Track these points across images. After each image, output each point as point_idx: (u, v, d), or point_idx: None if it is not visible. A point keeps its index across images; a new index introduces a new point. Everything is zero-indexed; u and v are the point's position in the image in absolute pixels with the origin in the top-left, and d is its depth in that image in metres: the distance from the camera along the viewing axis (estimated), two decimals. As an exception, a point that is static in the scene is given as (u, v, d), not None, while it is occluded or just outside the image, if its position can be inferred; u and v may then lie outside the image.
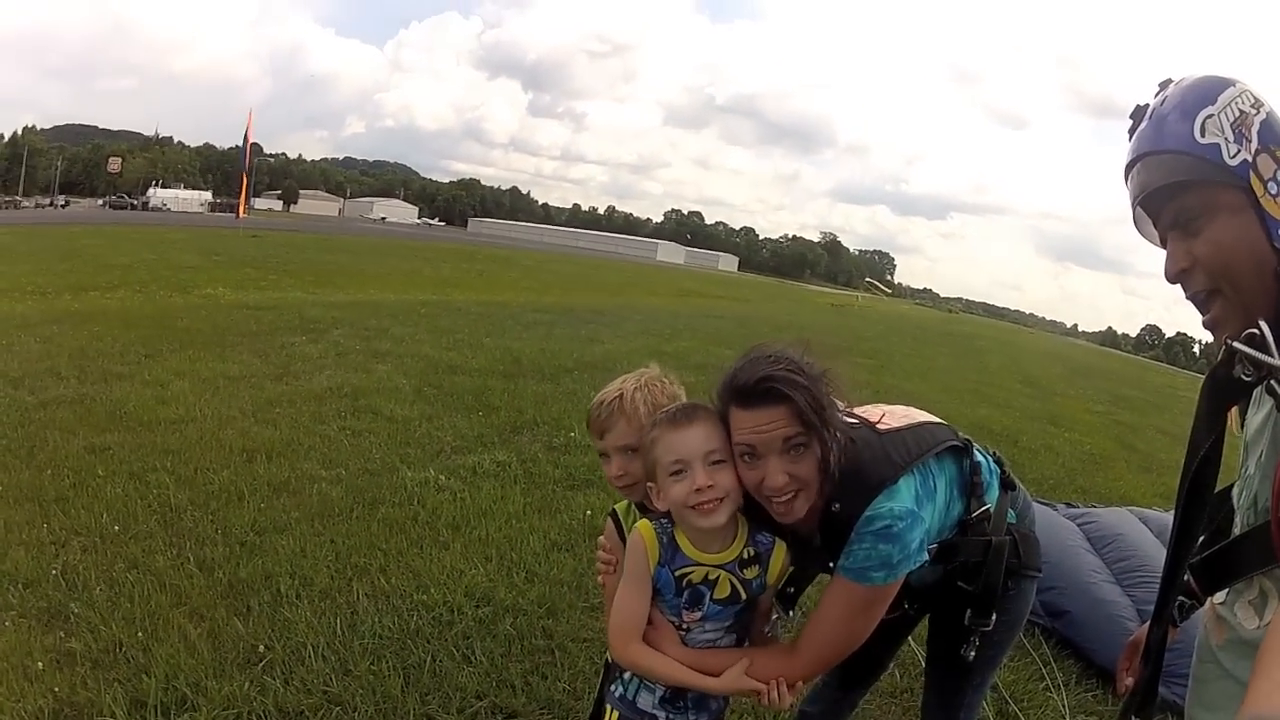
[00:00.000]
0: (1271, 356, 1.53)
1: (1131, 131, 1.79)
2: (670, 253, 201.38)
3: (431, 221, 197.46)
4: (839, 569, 2.39)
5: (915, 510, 2.38)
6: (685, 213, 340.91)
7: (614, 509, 2.84)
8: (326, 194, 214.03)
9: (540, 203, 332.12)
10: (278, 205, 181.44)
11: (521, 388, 10.03)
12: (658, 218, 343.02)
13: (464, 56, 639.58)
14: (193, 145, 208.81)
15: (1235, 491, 1.84)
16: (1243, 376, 1.61)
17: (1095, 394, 26.77)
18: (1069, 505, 8.53)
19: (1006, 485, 2.79)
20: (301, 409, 8.12)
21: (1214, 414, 1.73)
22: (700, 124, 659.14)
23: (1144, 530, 6.97)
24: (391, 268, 30.54)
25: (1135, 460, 14.45)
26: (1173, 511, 6.49)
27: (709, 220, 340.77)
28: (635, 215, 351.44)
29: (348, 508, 5.81)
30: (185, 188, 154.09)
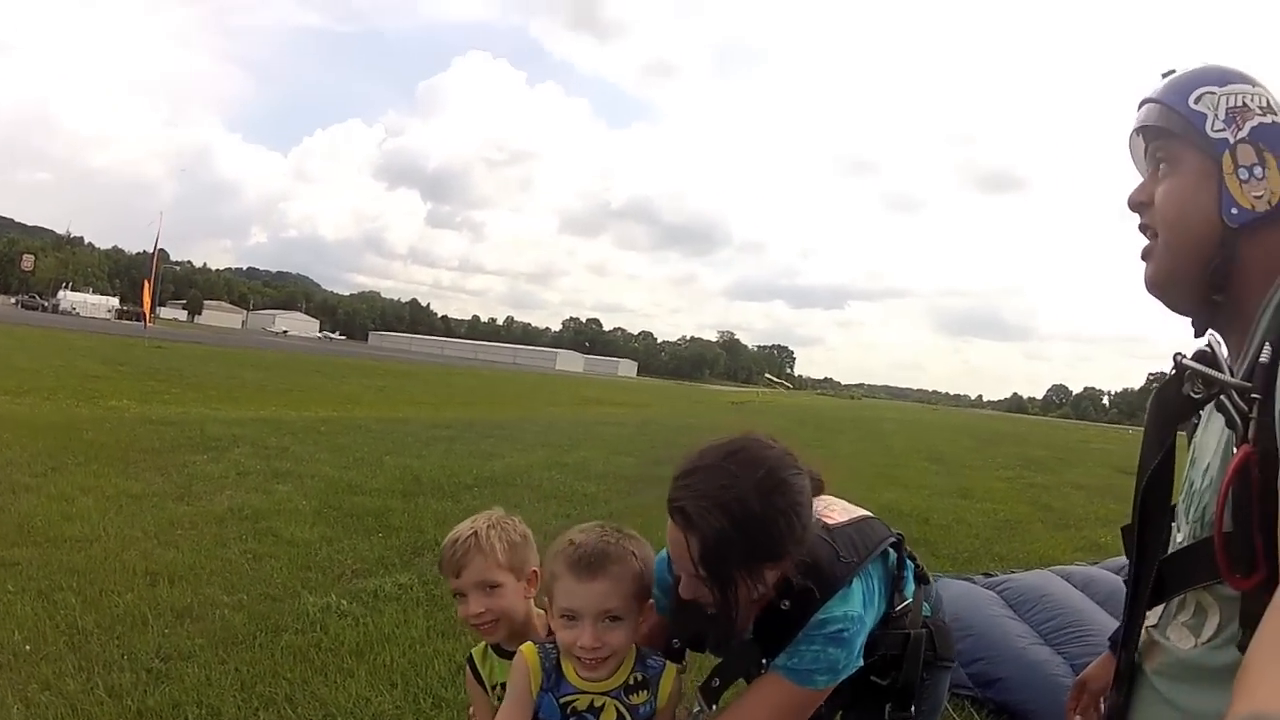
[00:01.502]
0: (1223, 373, 1.60)
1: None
2: (569, 361, 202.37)
3: (332, 335, 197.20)
4: (778, 667, 2.33)
5: (863, 614, 2.39)
6: (584, 320, 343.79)
7: (470, 655, 2.81)
8: (230, 305, 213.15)
9: (440, 315, 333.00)
10: (183, 315, 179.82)
11: (422, 507, 9.97)
12: (556, 326, 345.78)
13: (365, 166, 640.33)
14: (102, 247, 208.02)
15: (1181, 505, 1.84)
16: (1191, 394, 1.67)
17: (1004, 460, 26.99)
18: (986, 575, 8.51)
19: (920, 578, 2.79)
20: (203, 531, 8.03)
21: (1162, 433, 1.80)
22: (596, 230, 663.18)
23: (1067, 587, 7.02)
24: (293, 383, 30.22)
25: (1051, 519, 14.69)
26: (1095, 564, 6.67)
27: (607, 326, 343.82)
28: (534, 325, 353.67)
29: (251, 635, 5.71)
30: (94, 292, 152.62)
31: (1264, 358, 1.51)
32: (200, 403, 19.64)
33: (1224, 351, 1.65)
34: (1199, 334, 1.80)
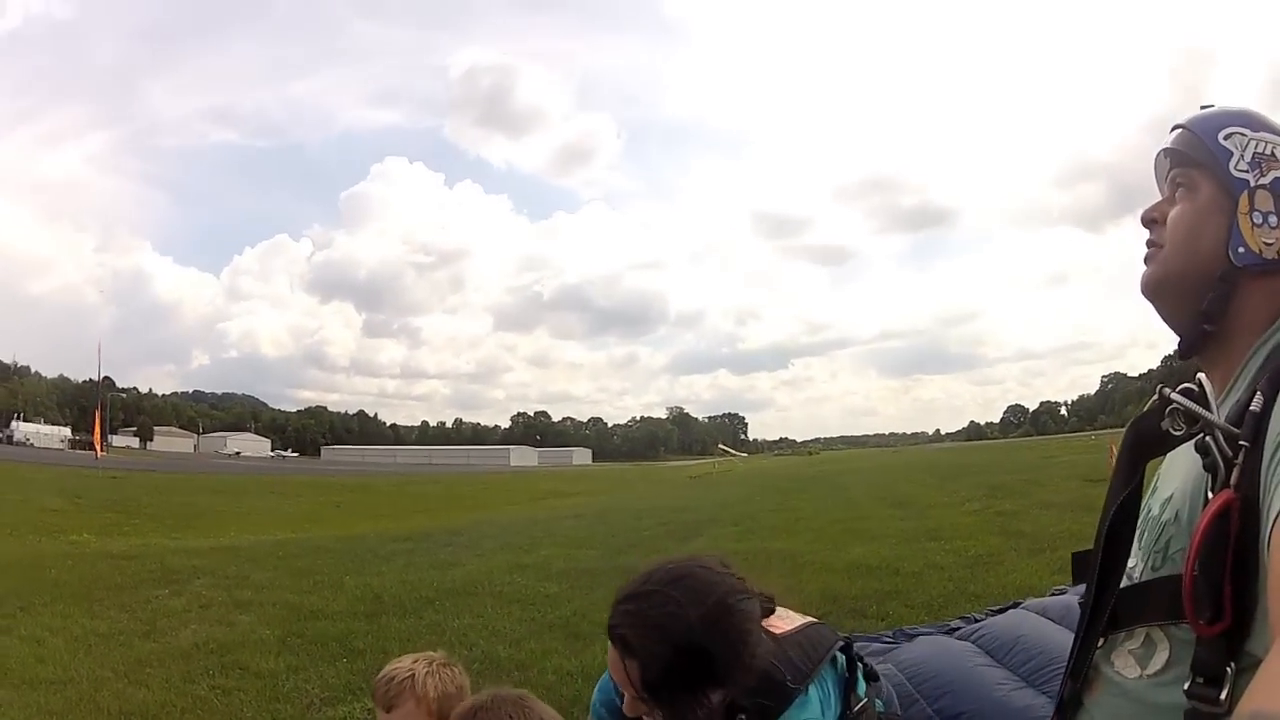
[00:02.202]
0: (1209, 411, 1.58)
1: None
2: (523, 456, 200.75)
3: (285, 453, 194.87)
4: None
5: (822, 718, 2.36)
6: (532, 414, 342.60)
7: None
8: (180, 430, 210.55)
9: (389, 423, 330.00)
10: (135, 442, 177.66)
11: (384, 627, 9.87)
12: (505, 423, 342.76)
13: (298, 280, 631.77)
14: (49, 376, 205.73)
15: (1138, 532, 1.83)
16: (1171, 430, 1.65)
17: (969, 493, 26.30)
18: (963, 619, 7.84)
19: (870, 676, 2.82)
20: (171, 668, 7.95)
21: (1133, 465, 1.81)
22: (532, 323, 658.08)
23: (1044, 624, 6.53)
24: (249, 506, 30.12)
25: (1024, 546, 14.40)
26: (1070, 586, 6.65)
27: (556, 417, 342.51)
28: (483, 424, 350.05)
29: None
30: (45, 422, 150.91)
31: (1255, 406, 1.51)
32: (159, 533, 19.57)
33: (1211, 392, 1.67)
34: (1184, 356, 1.85)
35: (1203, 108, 1.92)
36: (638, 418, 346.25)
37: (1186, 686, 1.48)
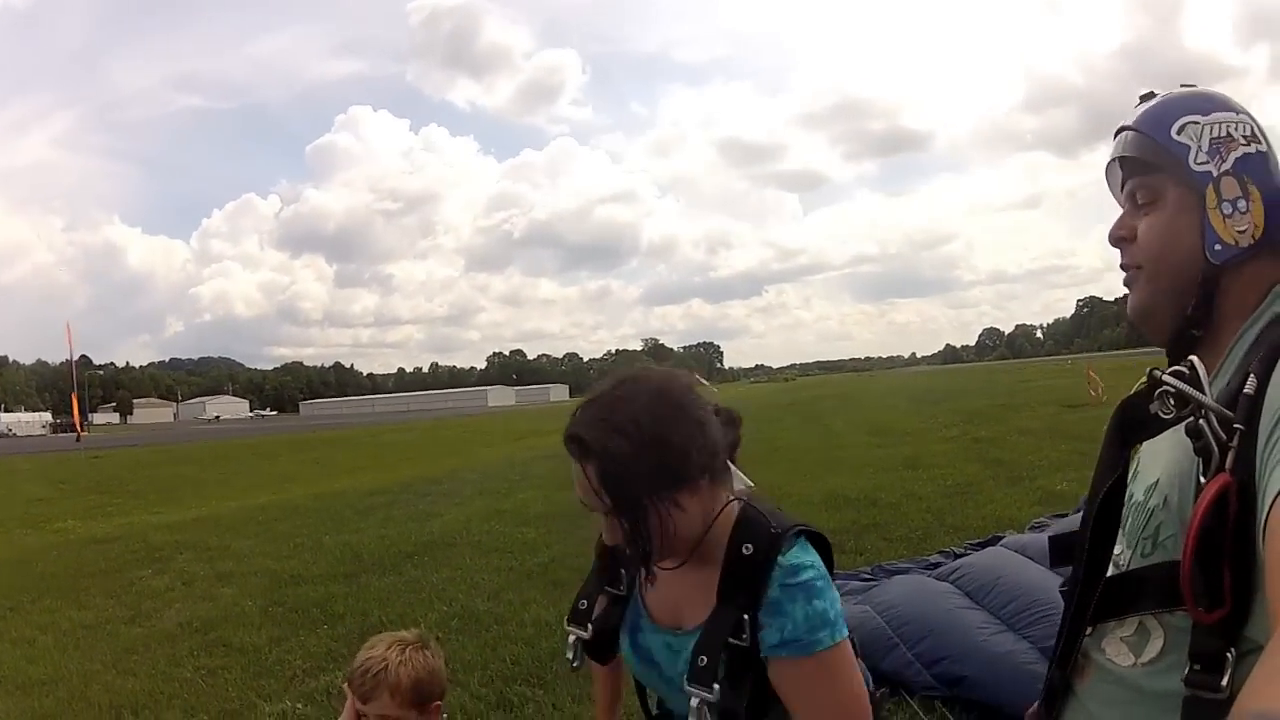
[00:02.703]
0: (1203, 393, 1.49)
1: (1136, 108, 1.84)
2: (501, 396, 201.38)
3: (264, 413, 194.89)
4: (778, 654, 2.06)
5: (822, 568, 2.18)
6: (507, 353, 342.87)
7: None
8: (159, 400, 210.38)
9: (365, 373, 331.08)
10: (115, 418, 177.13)
11: (364, 587, 9.87)
12: (481, 364, 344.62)
13: (266, 238, 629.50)
14: (26, 363, 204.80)
15: (1122, 519, 1.76)
16: (1160, 414, 1.57)
17: (946, 419, 26.62)
18: (942, 553, 8.32)
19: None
20: (157, 653, 7.91)
21: (1121, 448, 1.74)
22: (503, 263, 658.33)
23: (1024, 563, 6.73)
24: (230, 471, 30.01)
25: (1003, 474, 14.38)
26: (1049, 518, 6.63)
27: (531, 355, 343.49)
28: (459, 366, 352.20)
29: None
30: (25, 409, 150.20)
31: (1249, 389, 1.46)
32: (142, 510, 19.46)
33: (1204, 374, 1.53)
34: (1173, 364, 1.65)
35: (1143, 97, 1.85)
36: (613, 351, 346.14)
37: (1185, 674, 1.46)
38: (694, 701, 2.06)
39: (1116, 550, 1.76)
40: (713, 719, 2.05)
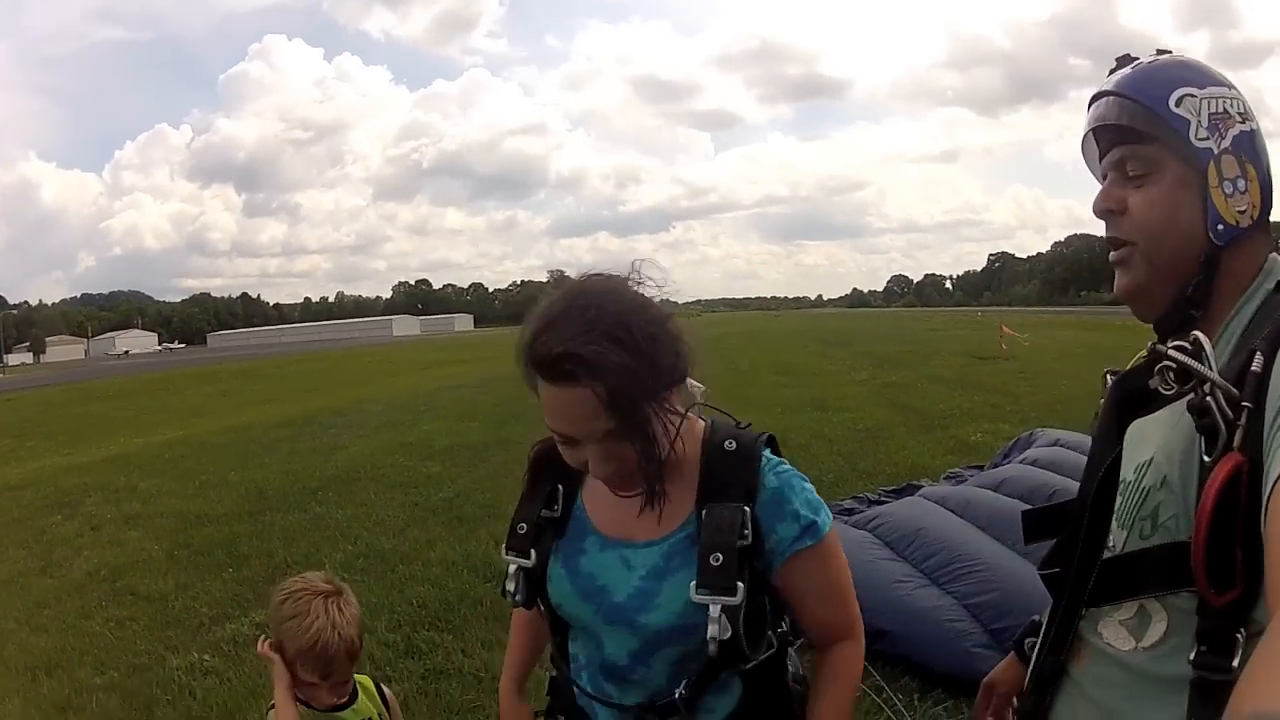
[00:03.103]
0: (1208, 367, 1.42)
1: (1111, 73, 1.74)
2: (406, 326, 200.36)
3: (172, 346, 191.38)
4: (799, 547, 1.97)
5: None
6: (413, 283, 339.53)
7: None
8: (71, 337, 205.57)
9: (272, 303, 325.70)
10: (30, 358, 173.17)
11: (269, 526, 9.75)
12: (387, 294, 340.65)
13: (178, 169, 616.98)
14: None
15: (1116, 503, 1.65)
16: (1160, 390, 1.50)
17: (855, 362, 26.73)
18: (855, 499, 8.18)
19: None
20: (67, 606, 7.73)
21: (1118, 424, 1.67)
22: (411, 192, 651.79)
23: (944, 515, 6.56)
24: (139, 408, 29.42)
25: (914, 421, 14.57)
26: (965, 469, 6.52)
27: (437, 285, 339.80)
28: (365, 296, 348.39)
29: (128, 716, 5.49)
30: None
31: (1255, 366, 1.39)
32: (53, 452, 18.97)
33: (1209, 349, 1.45)
34: (1162, 341, 1.59)
35: (1121, 62, 1.74)
36: (518, 282, 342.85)
37: (1192, 656, 1.39)
38: (714, 610, 1.83)
39: (1117, 536, 1.64)
40: (734, 628, 1.84)
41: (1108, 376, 1.77)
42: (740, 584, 1.85)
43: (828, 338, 43.56)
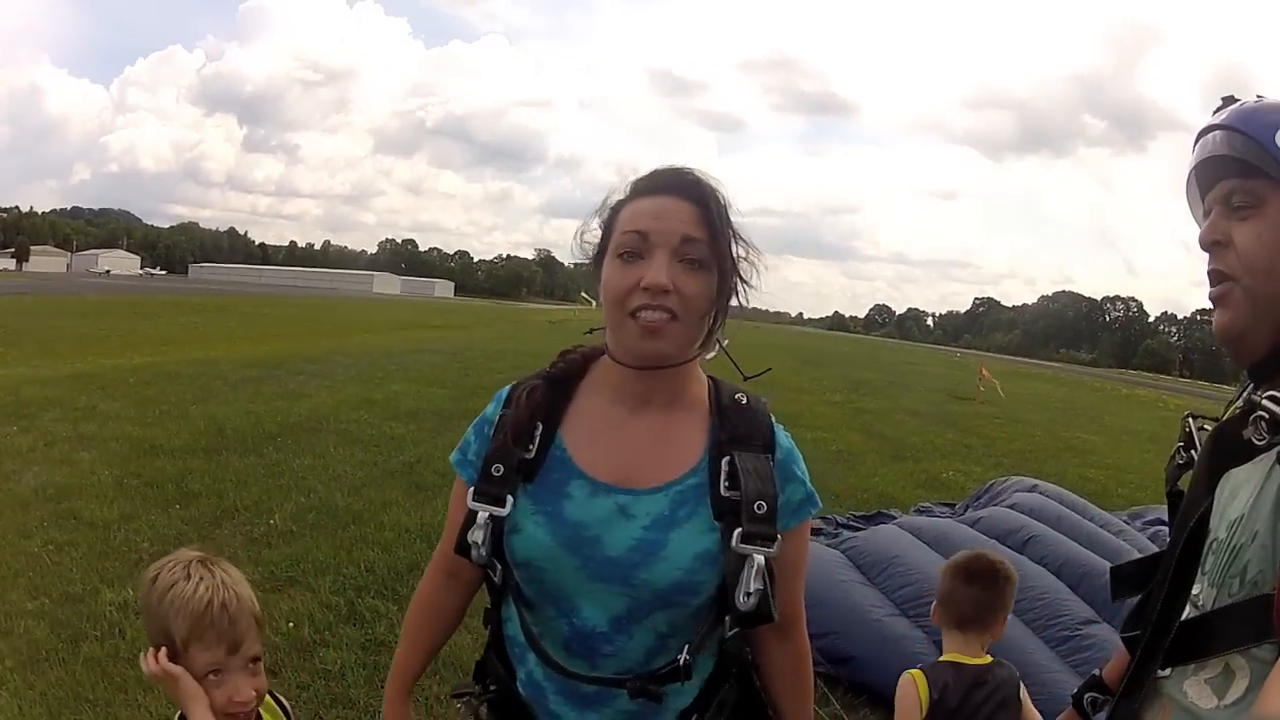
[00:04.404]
0: None
1: (1215, 111, 1.66)
2: (386, 284, 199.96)
3: (154, 271, 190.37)
4: (804, 514, 1.90)
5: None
6: (399, 241, 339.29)
7: None
8: (55, 249, 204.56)
9: (257, 242, 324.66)
10: (12, 264, 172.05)
11: (223, 466, 9.46)
12: (372, 249, 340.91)
13: (184, 93, 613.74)
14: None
15: (1202, 558, 1.59)
16: (1254, 440, 1.47)
17: (831, 383, 26.50)
18: (824, 520, 8.11)
19: None
20: (8, 521, 7.41)
21: (1213, 474, 1.59)
22: (411, 149, 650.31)
23: (919, 547, 6.51)
24: (111, 328, 29.10)
25: (886, 449, 14.50)
26: (937, 505, 6.37)
27: (423, 247, 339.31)
28: (350, 248, 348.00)
29: (54, 648, 5.19)
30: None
31: None
32: (20, 361, 18.60)
33: None
34: (1257, 389, 1.55)
35: (1226, 101, 1.65)
36: (504, 255, 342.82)
37: None
38: (759, 562, 1.69)
39: (1195, 590, 1.60)
40: (765, 585, 1.70)
41: (1188, 421, 1.73)
42: (779, 537, 1.73)
43: (805, 355, 43.51)
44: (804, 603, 2.03)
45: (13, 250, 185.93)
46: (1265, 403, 1.41)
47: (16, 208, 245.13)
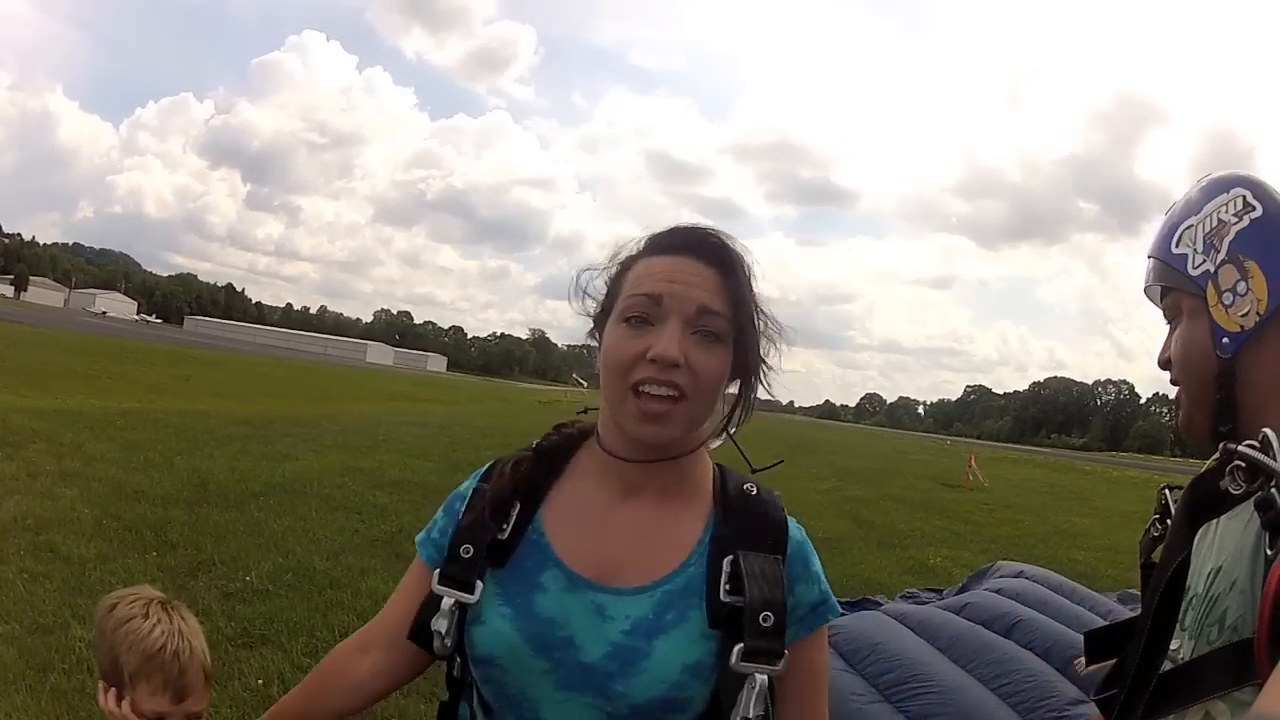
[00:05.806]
0: (1275, 461, 1.38)
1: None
2: (380, 354, 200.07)
3: (150, 318, 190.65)
4: (819, 621, 1.63)
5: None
6: (395, 312, 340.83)
7: None
8: (54, 283, 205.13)
9: (254, 301, 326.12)
10: (10, 291, 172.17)
11: (203, 518, 9.35)
12: (367, 317, 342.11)
13: (191, 142, 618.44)
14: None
15: (1181, 612, 1.59)
16: (1230, 490, 1.45)
17: (820, 470, 26.42)
18: None
19: None
20: None
21: (1190, 527, 1.57)
22: (411, 221, 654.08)
23: (903, 633, 6.28)
24: (103, 369, 28.99)
25: (873, 537, 14.40)
26: (923, 591, 6.29)
27: (418, 320, 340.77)
28: (346, 315, 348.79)
29: (20, 674, 5.17)
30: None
31: None
32: (11, 390, 18.49)
33: (1277, 443, 1.41)
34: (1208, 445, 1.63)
35: (1167, 211, 1.77)
36: (498, 333, 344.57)
37: None
38: (759, 682, 1.45)
39: (1174, 646, 1.59)
40: (765, 710, 1.48)
41: (1164, 493, 1.77)
42: (787, 653, 1.50)
43: (794, 443, 43.03)
44: None
45: (12, 277, 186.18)
46: (1243, 449, 1.42)
47: (19, 235, 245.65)
